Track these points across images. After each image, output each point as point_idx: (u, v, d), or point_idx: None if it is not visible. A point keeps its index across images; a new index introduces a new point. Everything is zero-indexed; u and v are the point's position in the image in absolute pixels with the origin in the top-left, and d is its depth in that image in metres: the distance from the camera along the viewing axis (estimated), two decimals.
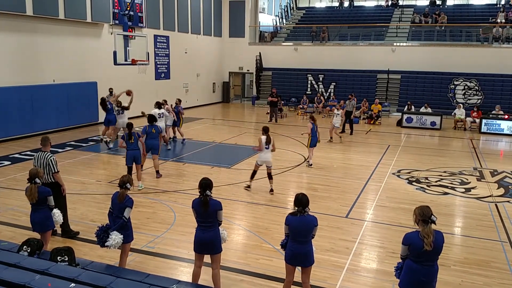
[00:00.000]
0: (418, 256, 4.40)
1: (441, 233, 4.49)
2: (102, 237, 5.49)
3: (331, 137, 15.83)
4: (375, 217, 8.54)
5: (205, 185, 5.27)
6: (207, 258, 5.49)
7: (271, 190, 9.82)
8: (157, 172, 10.87)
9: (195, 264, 5.51)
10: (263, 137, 9.61)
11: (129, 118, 13.87)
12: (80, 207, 8.66)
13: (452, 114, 20.13)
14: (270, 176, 9.83)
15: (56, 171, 6.91)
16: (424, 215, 4.38)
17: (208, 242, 5.30)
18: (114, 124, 14.08)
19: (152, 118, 10.96)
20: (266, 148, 9.62)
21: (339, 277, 6.13)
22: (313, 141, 12.18)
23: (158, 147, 10.79)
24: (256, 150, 10.00)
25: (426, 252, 4.33)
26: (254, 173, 10.03)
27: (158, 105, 13.68)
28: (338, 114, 15.69)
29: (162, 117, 13.54)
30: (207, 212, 5.24)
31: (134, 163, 9.82)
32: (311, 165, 12.22)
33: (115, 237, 5.42)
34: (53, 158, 6.91)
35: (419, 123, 19.71)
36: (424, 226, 4.36)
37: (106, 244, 5.44)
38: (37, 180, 5.87)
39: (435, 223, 4.38)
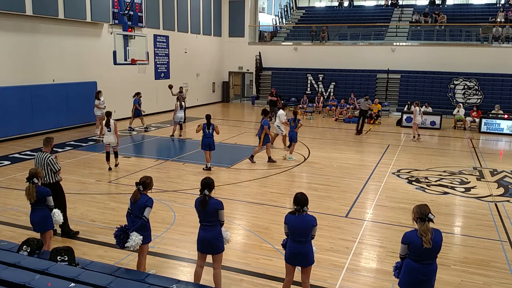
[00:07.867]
0: (417, 255, 4.41)
1: (440, 231, 4.51)
2: (122, 237, 5.34)
3: (418, 135, 16.48)
4: (374, 217, 8.54)
5: (204, 184, 5.28)
6: (209, 259, 5.46)
7: None
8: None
9: (197, 263, 5.52)
10: None
11: None
12: (80, 207, 8.66)
13: (458, 114, 20.07)
14: None
15: (58, 169, 6.98)
16: (421, 213, 4.42)
17: (209, 241, 5.28)
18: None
19: (137, 93, 17.05)
20: None
21: (339, 277, 6.13)
22: None
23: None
24: None
25: (425, 250, 4.35)
26: None
27: None
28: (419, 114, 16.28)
29: None
30: (206, 211, 5.24)
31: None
32: None
33: (135, 238, 5.29)
34: (52, 158, 6.94)
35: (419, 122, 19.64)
36: (421, 224, 4.39)
37: (126, 245, 5.30)
38: (35, 180, 5.87)
39: (432, 221, 4.40)
